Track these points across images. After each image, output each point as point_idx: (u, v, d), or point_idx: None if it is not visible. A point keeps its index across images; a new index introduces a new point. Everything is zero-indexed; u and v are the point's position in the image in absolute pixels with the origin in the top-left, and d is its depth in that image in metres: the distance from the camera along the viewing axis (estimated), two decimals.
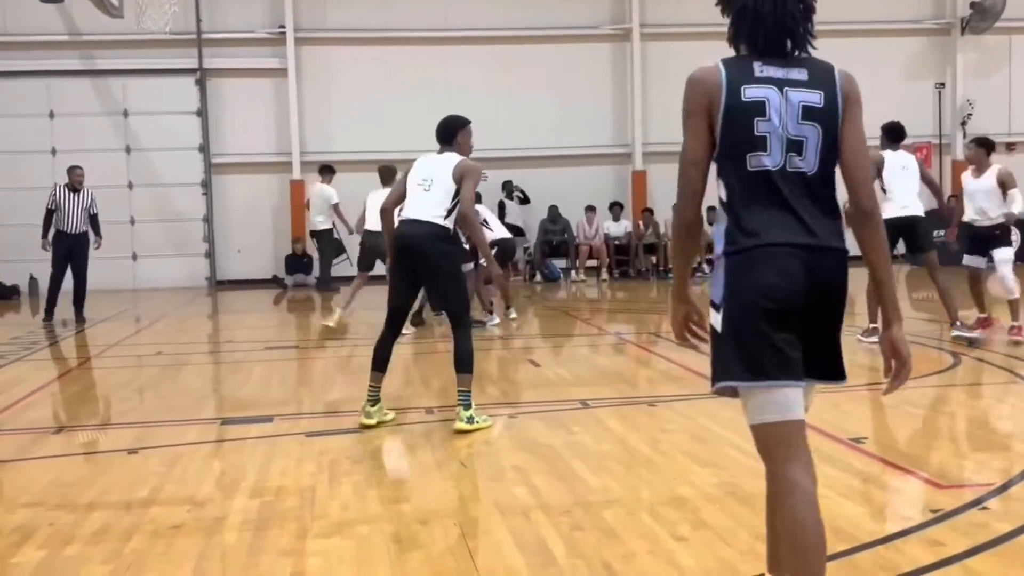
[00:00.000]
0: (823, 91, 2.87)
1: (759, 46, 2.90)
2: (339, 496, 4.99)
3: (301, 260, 20.30)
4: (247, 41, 20.54)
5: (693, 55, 15.64)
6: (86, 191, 13.97)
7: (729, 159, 2.85)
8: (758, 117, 2.82)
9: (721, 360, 2.86)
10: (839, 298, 2.87)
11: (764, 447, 2.85)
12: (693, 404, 7.09)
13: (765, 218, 2.80)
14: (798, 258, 2.78)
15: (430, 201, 6.28)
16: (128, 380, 9.34)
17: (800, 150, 2.83)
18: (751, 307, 2.78)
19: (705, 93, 2.86)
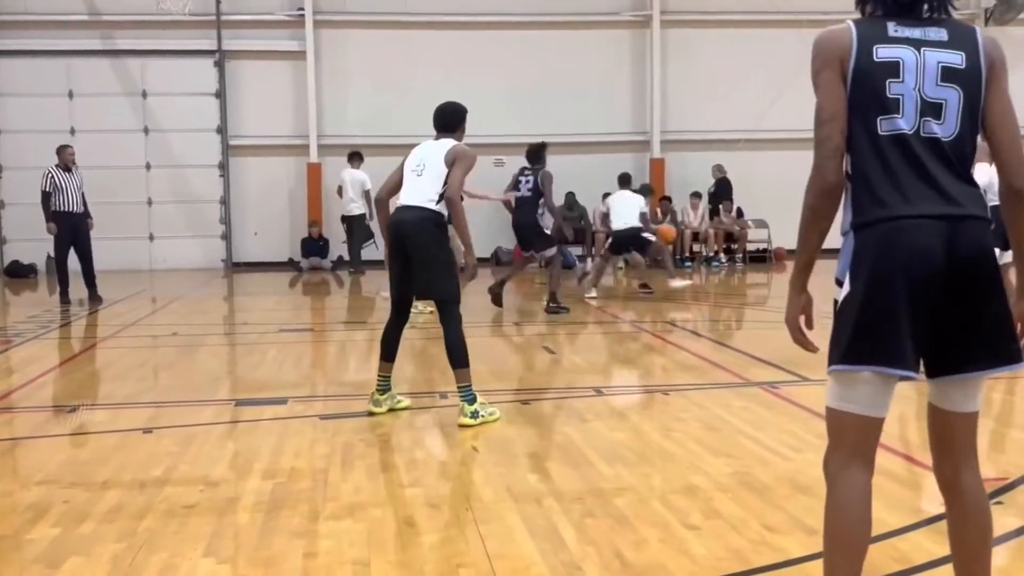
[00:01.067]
0: (964, 52, 2.68)
1: (891, 6, 2.72)
2: (352, 479, 5.01)
3: (317, 243, 20.34)
4: (266, 23, 20.55)
5: (712, 42, 15.60)
6: (77, 170, 13.92)
7: (859, 123, 2.66)
8: (891, 78, 2.63)
9: (838, 341, 2.70)
10: (988, 271, 2.65)
11: (837, 433, 2.75)
12: (707, 393, 7.08)
13: (899, 186, 2.62)
14: (938, 229, 2.59)
15: (422, 186, 6.18)
16: (143, 360, 9.39)
17: (938, 114, 2.65)
18: (881, 284, 2.61)
19: (836, 51, 2.67)
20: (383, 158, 19.50)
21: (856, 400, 2.68)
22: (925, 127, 2.65)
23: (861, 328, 2.63)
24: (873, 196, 2.66)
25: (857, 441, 2.71)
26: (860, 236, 2.67)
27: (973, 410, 2.77)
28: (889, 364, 2.62)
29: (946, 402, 2.76)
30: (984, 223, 2.67)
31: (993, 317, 2.67)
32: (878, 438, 2.75)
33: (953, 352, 2.68)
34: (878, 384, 2.66)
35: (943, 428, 2.80)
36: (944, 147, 2.66)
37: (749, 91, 20.54)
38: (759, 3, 20.62)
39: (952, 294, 2.61)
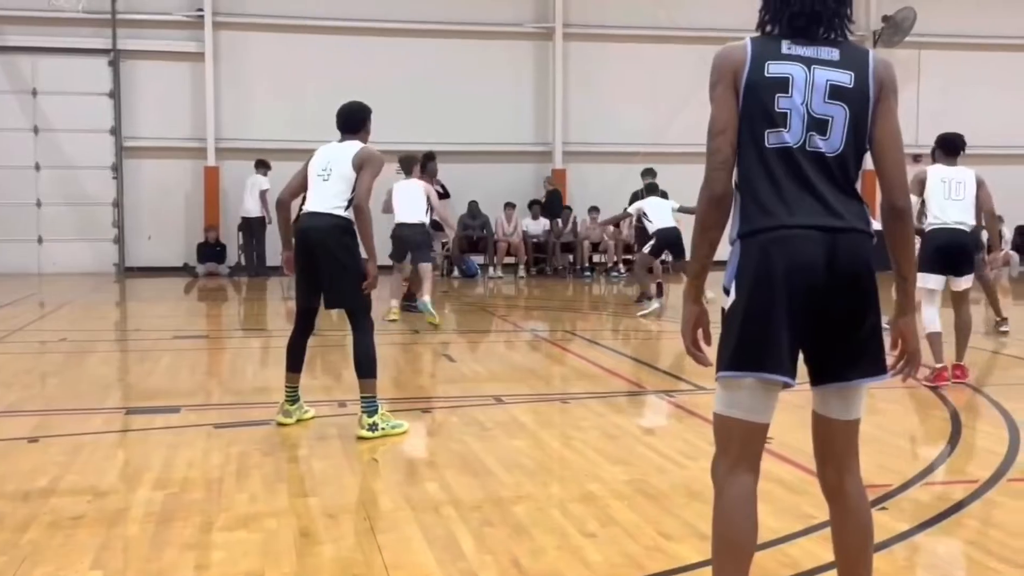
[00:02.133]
0: (854, 72, 2.78)
1: (788, 28, 2.83)
2: (247, 489, 4.92)
3: (214, 248, 19.96)
4: (164, 23, 20.11)
5: (614, 57, 15.79)
6: None
7: (748, 135, 2.76)
8: (780, 93, 2.73)
9: (723, 347, 2.79)
10: (865, 283, 2.77)
11: (722, 438, 2.83)
12: (605, 401, 7.16)
13: (783, 198, 2.72)
14: (819, 240, 2.69)
15: (329, 192, 5.99)
16: (30, 367, 9.08)
17: (824, 130, 2.75)
18: (762, 293, 2.70)
19: (730, 66, 2.77)
20: (283, 162, 19.31)
21: (740, 406, 2.77)
22: (811, 142, 2.75)
23: (744, 335, 2.73)
24: (758, 207, 2.74)
25: (742, 446, 2.79)
26: (745, 245, 2.76)
27: (854, 417, 2.88)
28: (769, 371, 2.71)
29: (828, 409, 2.87)
30: (866, 237, 2.77)
31: (869, 329, 2.79)
32: (763, 443, 2.84)
33: (832, 361, 2.80)
34: (760, 390, 2.75)
35: (825, 435, 2.90)
36: (828, 162, 2.76)
37: (650, 105, 20.84)
38: (660, 19, 20.95)
39: (831, 304, 2.72)
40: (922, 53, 22.48)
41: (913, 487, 4.95)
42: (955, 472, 5.39)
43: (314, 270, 6.06)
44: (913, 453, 5.93)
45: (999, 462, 5.42)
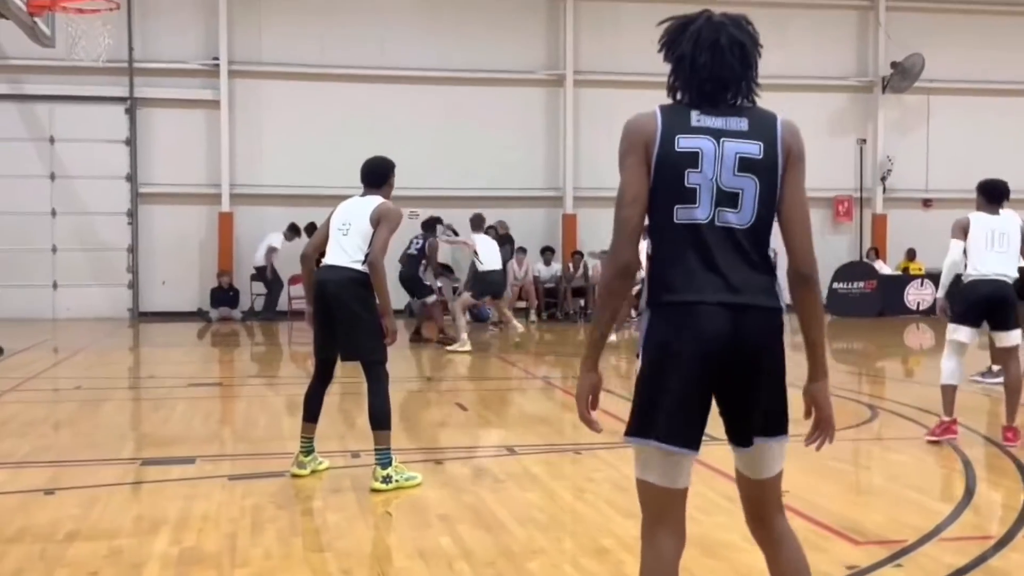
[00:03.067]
0: (763, 142, 2.81)
1: (696, 96, 2.86)
2: (261, 543, 4.94)
3: (227, 293, 20.06)
4: (180, 72, 20.37)
5: (625, 103, 15.93)
6: None
7: (658, 210, 2.80)
8: (690, 168, 2.76)
9: (631, 413, 2.85)
10: (769, 355, 2.81)
11: (641, 502, 2.89)
12: (617, 452, 7.15)
13: (688, 273, 2.76)
14: (720, 316, 2.73)
15: (348, 245, 6.09)
16: (45, 415, 9.13)
17: (734, 203, 2.78)
18: (664, 364, 2.75)
19: (641, 137, 2.82)
20: (296, 208, 19.57)
21: (652, 471, 2.82)
22: (720, 216, 2.78)
23: (645, 403, 2.80)
24: (664, 280, 2.80)
25: (659, 509, 2.84)
26: (652, 315, 2.82)
27: (768, 476, 2.94)
28: (667, 440, 2.75)
29: (745, 469, 2.95)
30: (769, 312, 2.81)
31: (769, 395, 2.84)
32: (682, 507, 2.87)
33: (738, 426, 2.87)
34: (664, 457, 2.78)
35: (747, 492, 2.98)
36: (738, 235, 2.80)
37: None
38: (667, 66, 21.07)
39: (732, 376, 2.78)
40: (931, 98, 22.64)
41: (928, 543, 4.93)
42: (971, 527, 5.37)
43: (330, 322, 6.14)
44: (927, 507, 5.91)
45: (1015, 517, 5.41)
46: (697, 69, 2.84)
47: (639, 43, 20.89)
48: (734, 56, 2.84)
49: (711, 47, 2.83)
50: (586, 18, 21.55)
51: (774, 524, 2.97)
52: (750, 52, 2.88)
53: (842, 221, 22.70)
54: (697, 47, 2.84)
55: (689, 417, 2.77)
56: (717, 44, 2.83)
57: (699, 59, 2.83)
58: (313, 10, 20.60)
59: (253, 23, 20.56)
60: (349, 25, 20.63)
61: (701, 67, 2.83)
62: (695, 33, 2.86)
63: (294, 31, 20.54)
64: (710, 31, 2.85)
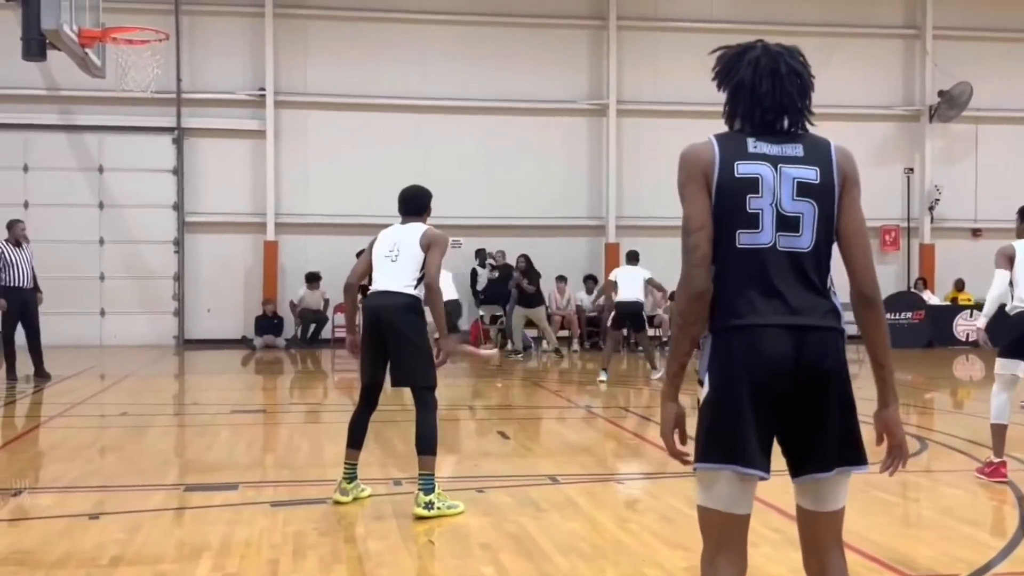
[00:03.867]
0: (819, 167, 2.84)
1: (755, 123, 2.88)
2: (303, 570, 4.93)
3: (271, 321, 20.21)
4: (227, 102, 20.67)
5: (667, 132, 16.02)
6: (28, 245, 13.81)
7: (721, 235, 2.81)
8: (751, 194, 2.79)
9: (697, 440, 2.83)
10: (834, 379, 2.79)
11: (703, 530, 2.87)
12: (661, 483, 7.08)
13: (751, 297, 2.77)
14: (783, 339, 2.74)
15: (399, 271, 6.13)
16: (91, 441, 9.22)
17: (795, 227, 2.81)
18: (732, 389, 2.75)
19: (699, 166, 2.83)
20: (340, 237, 19.72)
21: (717, 498, 2.79)
22: (782, 241, 2.81)
23: (714, 428, 2.79)
24: (729, 304, 2.80)
25: (722, 538, 2.82)
26: (716, 340, 2.83)
27: (832, 509, 2.88)
28: (739, 463, 2.75)
29: (806, 501, 2.89)
30: (833, 333, 2.81)
31: (842, 422, 2.80)
32: (745, 535, 2.85)
33: (802, 455, 2.83)
34: (735, 483, 2.77)
35: (806, 526, 2.92)
36: (800, 259, 2.82)
37: None
38: (712, 95, 20.81)
39: (800, 400, 2.77)
40: (979, 128, 22.40)
41: None
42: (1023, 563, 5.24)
43: (381, 347, 6.16)
44: (979, 541, 5.77)
45: None
46: (758, 96, 2.87)
47: (682, 72, 21.06)
48: (793, 84, 2.88)
49: (771, 75, 2.87)
50: (629, 48, 21.60)
51: (832, 561, 2.90)
52: (807, 81, 2.92)
53: (889, 251, 22.46)
54: (757, 75, 2.88)
55: (762, 442, 2.77)
56: (777, 72, 2.88)
57: (760, 87, 2.87)
58: (358, 41, 20.84)
59: (299, 54, 20.83)
60: (393, 55, 20.84)
61: (763, 95, 2.87)
62: (754, 61, 2.89)
63: (339, 62, 20.78)
64: (769, 59, 2.89)
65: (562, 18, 21.60)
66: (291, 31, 20.81)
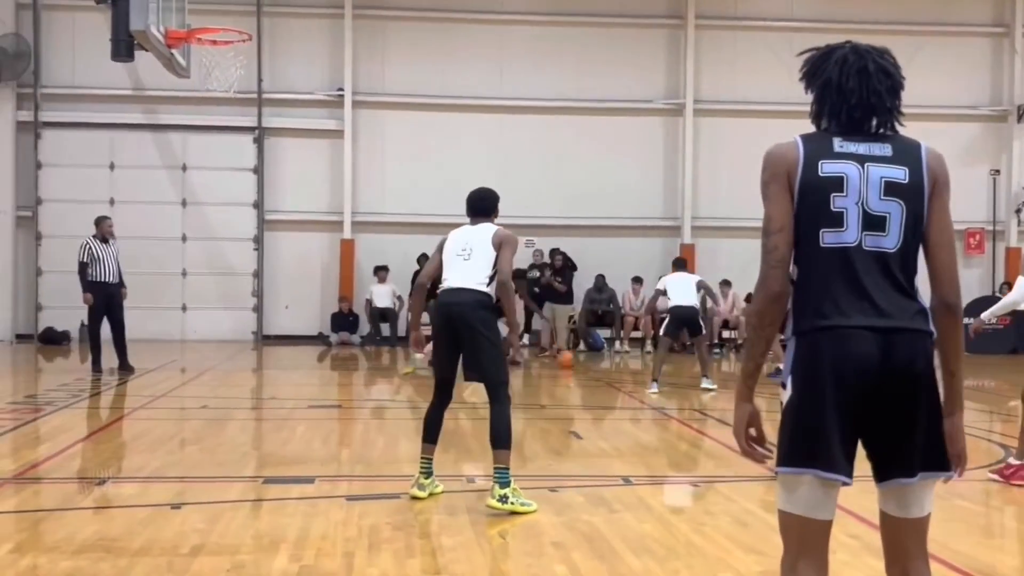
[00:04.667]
0: (908, 167, 2.80)
1: (841, 122, 2.84)
2: (378, 563, 4.99)
3: (347, 318, 20.46)
4: (306, 102, 20.97)
5: (745, 132, 15.92)
6: (115, 241, 14.17)
7: (803, 236, 2.78)
8: (835, 192, 2.75)
9: (780, 443, 2.80)
10: (923, 382, 2.75)
11: (784, 535, 2.84)
12: (737, 487, 7.01)
13: (836, 298, 2.73)
14: (870, 340, 2.69)
15: (472, 269, 6.26)
16: (172, 433, 9.44)
17: (882, 226, 2.76)
18: (816, 392, 2.71)
19: (783, 165, 2.80)
20: (415, 236, 19.88)
21: (798, 503, 2.76)
22: (868, 240, 2.76)
23: (798, 432, 2.75)
24: (813, 306, 2.76)
25: (802, 542, 2.78)
26: (799, 343, 2.78)
27: (917, 516, 2.83)
28: (823, 468, 2.71)
29: (891, 507, 2.84)
30: (920, 335, 2.76)
31: (928, 426, 2.76)
32: (826, 540, 2.81)
33: (888, 459, 2.78)
34: (817, 487, 2.73)
35: (890, 532, 2.86)
36: (886, 259, 2.77)
37: None
38: (791, 94, 20.61)
39: (886, 403, 2.72)
40: None
41: None
42: None
43: (455, 343, 6.27)
44: None
45: None
46: (845, 94, 2.83)
47: (760, 72, 20.82)
48: (881, 83, 2.84)
49: (859, 73, 2.83)
50: (707, 47, 21.41)
51: (915, 569, 2.85)
52: (897, 81, 2.87)
53: (973, 254, 21.91)
54: (844, 73, 2.84)
55: (845, 446, 2.73)
56: (865, 70, 2.83)
57: (846, 84, 2.82)
58: (435, 41, 20.98)
59: (377, 54, 21.04)
60: (470, 56, 20.94)
61: (849, 92, 2.82)
62: (841, 59, 2.86)
63: (416, 62, 20.94)
64: (857, 58, 2.85)
65: (640, 17, 21.49)
66: (370, 32, 21.04)
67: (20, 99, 20.27)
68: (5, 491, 6.63)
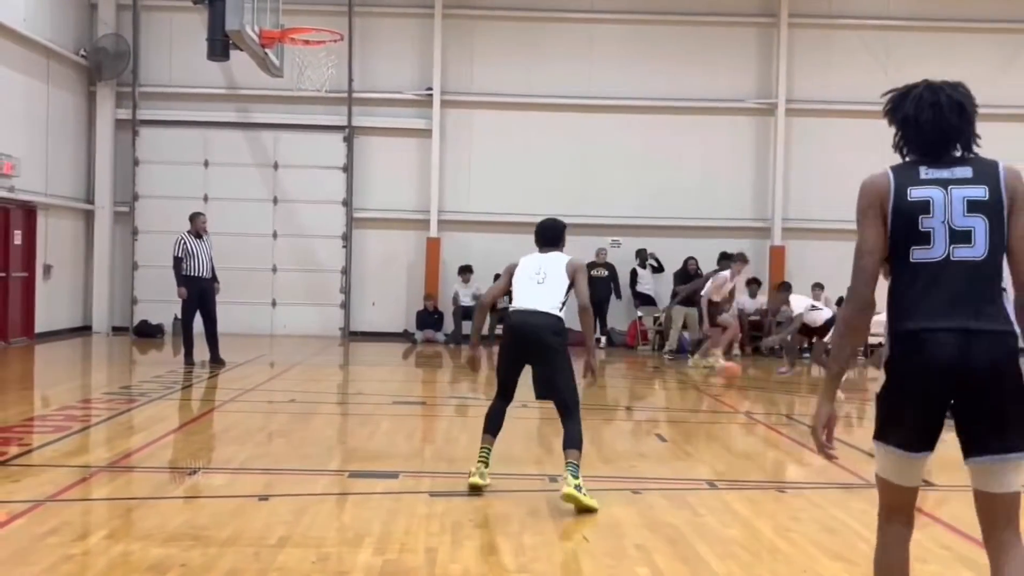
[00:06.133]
0: (987, 186, 3.19)
1: (923, 152, 3.28)
2: (461, 559, 5.01)
3: (432, 316, 20.60)
4: (395, 101, 21.15)
5: (838, 132, 15.60)
6: (208, 237, 14.47)
7: (896, 253, 3.23)
8: (922, 215, 3.18)
9: (875, 419, 3.31)
10: (1005, 375, 3.10)
11: (879, 493, 3.37)
12: (824, 493, 6.88)
13: (924, 304, 3.15)
14: (949, 341, 3.09)
15: (545, 293, 6.57)
16: (261, 425, 9.60)
17: (968, 239, 3.15)
18: (900, 383, 3.21)
19: (876, 194, 3.25)
20: (500, 235, 19.96)
21: (886, 470, 3.32)
22: (956, 252, 3.18)
23: (884, 415, 3.29)
24: (903, 310, 3.22)
25: (891, 502, 3.34)
26: (893, 342, 3.25)
27: (1004, 491, 3.20)
28: (898, 446, 3.24)
29: (979, 483, 3.25)
30: (1001, 335, 3.13)
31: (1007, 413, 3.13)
32: (912, 503, 3.35)
33: (972, 441, 3.19)
34: (903, 460, 3.26)
35: (981, 507, 3.27)
36: (973, 268, 3.16)
37: None
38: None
39: (967, 394, 3.13)
40: None
41: None
42: None
43: (523, 358, 6.63)
44: None
45: None
46: (922, 128, 3.26)
47: (855, 71, 20.40)
48: (953, 113, 3.26)
49: (932, 107, 3.26)
50: (800, 46, 21.03)
51: (1006, 540, 3.20)
52: (968, 110, 3.29)
53: None
54: (919, 108, 3.28)
55: (920, 429, 3.20)
56: (937, 104, 3.26)
57: (922, 118, 3.26)
58: (524, 41, 20.99)
59: (465, 54, 21.14)
60: (559, 55, 20.90)
61: (925, 125, 3.26)
62: (916, 97, 3.30)
63: (504, 61, 20.98)
64: (930, 94, 3.29)
65: (732, 16, 21.19)
66: (458, 31, 21.14)
67: (119, 97, 20.82)
68: (99, 479, 6.82)
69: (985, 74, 20.68)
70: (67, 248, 19.97)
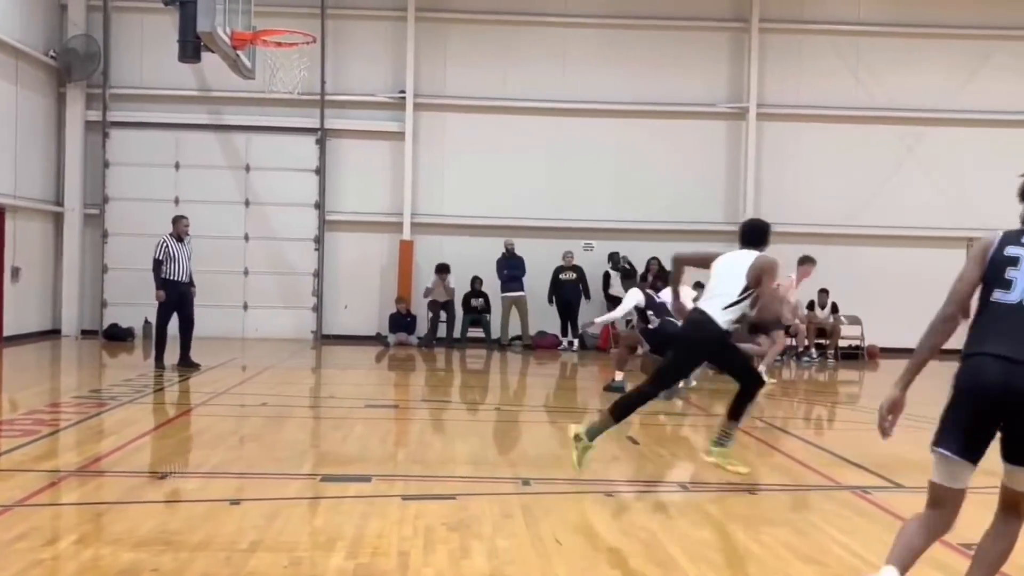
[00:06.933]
0: None
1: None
2: (433, 563, 4.99)
3: (404, 319, 20.55)
4: (368, 104, 21.10)
5: (809, 136, 15.66)
6: (189, 241, 14.38)
7: (984, 291, 3.96)
8: (1010, 267, 3.93)
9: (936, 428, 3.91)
10: None
11: (929, 496, 3.95)
12: (796, 496, 6.92)
13: (989, 336, 3.85)
14: (997, 367, 3.76)
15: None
16: (233, 429, 9.55)
17: None
18: (960, 396, 3.87)
19: (983, 248, 4.00)
20: (474, 238, 19.95)
21: (937, 473, 3.92)
22: None
23: (942, 423, 3.91)
24: (974, 338, 3.93)
25: (936, 500, 3.94)
26: (961, 362, 3.92)
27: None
28: (947, 449, 3.86)
29: (1011, 483, 3.91)
30: None
31: None
32: (956, 506, 3.91)
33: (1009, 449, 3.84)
34: (952, 464, 3.86)
35: (1006, 498, 3.94)
36: None
37: (844, 186, 20.41)
38: (858, 99, 20.55)
39: (1007, 413, 3.77)
40: None
41: None
42: None
43: None
44: None
45: None
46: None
47: (826, 76, 20.56)
48: None
49: None
50: (771, 50, 21.15)
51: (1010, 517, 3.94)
52: None
53: None
54: None
55: (969, 439, 3.83)
56: None
57: None
58: (496, 44, 21.01)
59: (438, 57, 21.13)
60: (531, 58, 20.92)
61: None
62: None
63: (477, 64, 20.98)
64: None
65: (704, 20, 21.29)
66: (432, 34, 21.12)
67: (89, 99, 20.65)
68: (69, 483, 6.76)
69: (954, 80, 21.00)
70: (36, 251, 19.79)
